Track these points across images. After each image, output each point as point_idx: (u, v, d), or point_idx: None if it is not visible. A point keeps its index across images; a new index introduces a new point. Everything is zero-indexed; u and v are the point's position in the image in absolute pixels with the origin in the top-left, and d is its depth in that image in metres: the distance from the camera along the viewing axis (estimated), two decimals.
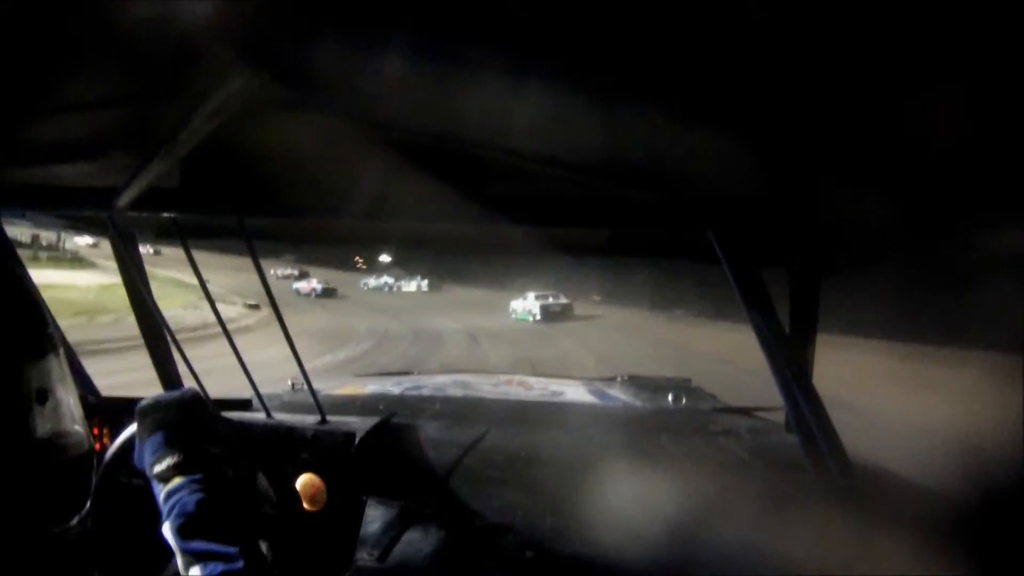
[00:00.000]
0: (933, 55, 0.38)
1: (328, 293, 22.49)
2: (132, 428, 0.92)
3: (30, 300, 0.58)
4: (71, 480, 0.59)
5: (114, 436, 0.95)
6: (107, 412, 1.00)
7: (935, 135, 0.45)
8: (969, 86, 0.39)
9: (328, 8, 0.42)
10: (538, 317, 17.12)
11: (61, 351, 0.59)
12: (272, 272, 24.32)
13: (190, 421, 0.79)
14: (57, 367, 0.57)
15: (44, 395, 0.55)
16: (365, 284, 27.50)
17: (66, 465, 0.58)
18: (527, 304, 17.86)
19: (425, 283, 26.02)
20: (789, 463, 1.03)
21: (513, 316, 18.01)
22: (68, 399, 0.58)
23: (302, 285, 22.75)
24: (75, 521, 0.61)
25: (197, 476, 0.71)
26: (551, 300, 17.83)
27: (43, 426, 0.55)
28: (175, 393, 0.82)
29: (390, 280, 26.81)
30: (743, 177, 0.65)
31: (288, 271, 27.10)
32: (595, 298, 18.97)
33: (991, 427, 0.74)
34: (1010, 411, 0.68)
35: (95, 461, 0.67)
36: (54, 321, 0.60)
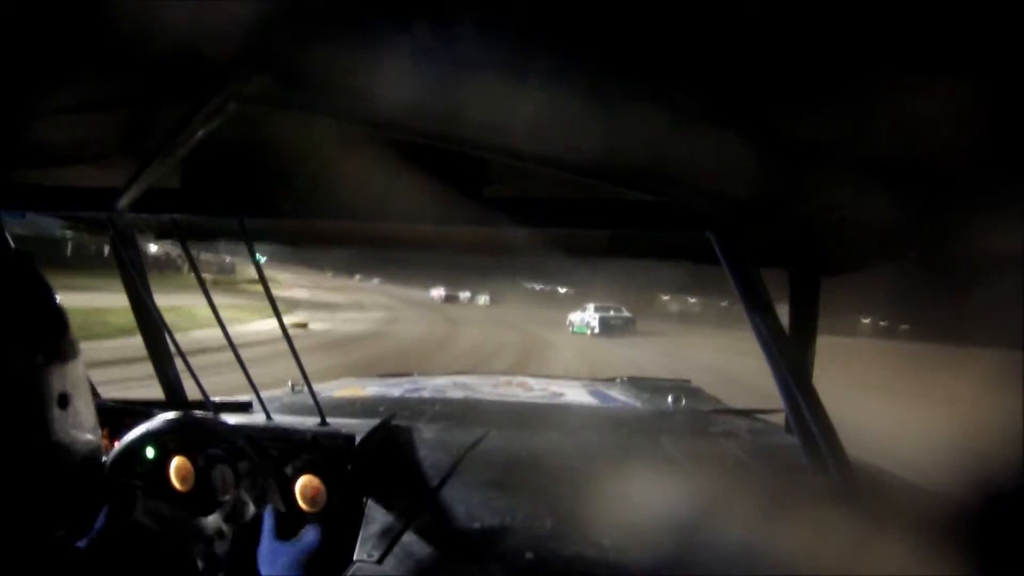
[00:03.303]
0: (934, 55, 0.38)
1: (450, 299, 35.28)
2: (136, 432, 0.92)
3: (53, 306, 0.58)
4: (81, 484, 0.59)
5: (115, 438, 0.95)
6: (109, 415, 1.00)
7: (935, 135, 0.45)
8: (969, 85, 0.39)
9: (328, 8, 0.42)
10: (596, 330, 16.23)
11: (81, 357, 0.59)
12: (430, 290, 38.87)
13: None
14: (78, 373, 0.57)
15: (65, 400, 0.55)
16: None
17: (78, 470, 0.58)
18: (586, 316, 16.98)
19: (488, 298, 35.97)
20: (789, 464, 1.03)
21: (570, 328, 17.18)
22: (85, 406, 0.58)
23: (434, 293, 36.49)
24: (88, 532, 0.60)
25: None
26: (612, 313, 16.94)
27: (61, 431, 0.55)
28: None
29: (469, 294, 37.70)
30: (743, 177, 0.66)
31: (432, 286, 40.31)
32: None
33: (991, 427, 0.74)
34: (1010, 411, 0.68)
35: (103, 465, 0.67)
36: (72, 328, 0.60)
